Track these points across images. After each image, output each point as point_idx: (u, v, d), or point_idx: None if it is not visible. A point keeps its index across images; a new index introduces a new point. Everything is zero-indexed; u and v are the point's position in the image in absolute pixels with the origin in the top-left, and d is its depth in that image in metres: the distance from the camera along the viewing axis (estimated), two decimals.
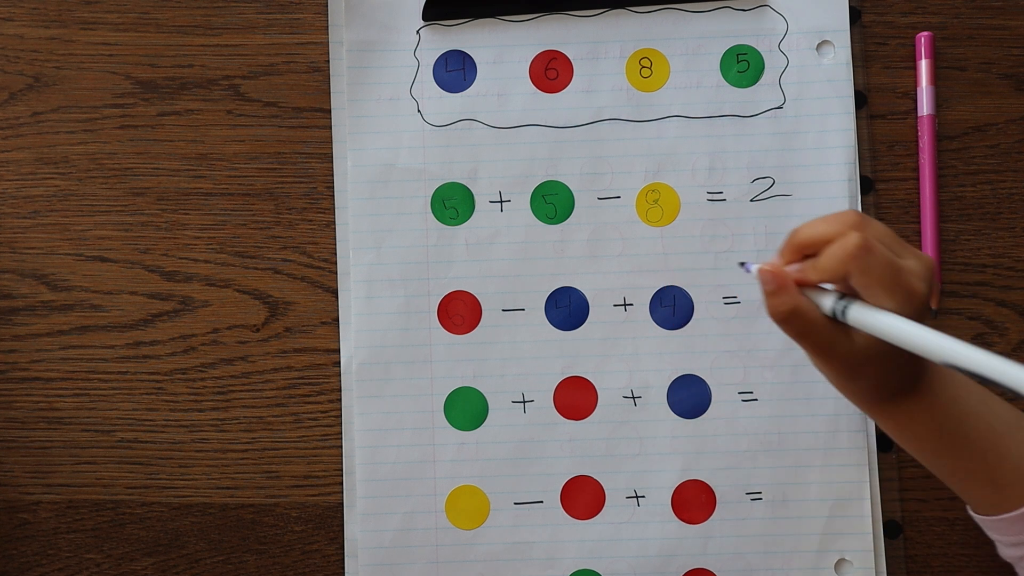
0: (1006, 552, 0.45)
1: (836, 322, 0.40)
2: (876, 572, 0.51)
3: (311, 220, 0.54)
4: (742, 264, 0.43)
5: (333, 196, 0.54)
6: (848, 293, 0.40)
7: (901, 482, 0.52)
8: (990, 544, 0.46)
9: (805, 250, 0.40)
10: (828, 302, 0.40)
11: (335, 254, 0.54)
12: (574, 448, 0.52)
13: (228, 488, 0.53)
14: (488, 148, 0.53)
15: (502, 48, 0.53)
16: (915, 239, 0.53)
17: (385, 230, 0.53)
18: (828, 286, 0.40)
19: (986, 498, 0.44)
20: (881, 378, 0.41)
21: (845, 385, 0.43)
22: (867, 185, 0.53)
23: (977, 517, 0.45)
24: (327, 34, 0.54)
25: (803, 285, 0.40)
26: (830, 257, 0.39)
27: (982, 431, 0.42)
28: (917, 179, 0.53)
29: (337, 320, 0.53)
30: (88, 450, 0.53)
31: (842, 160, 0.52)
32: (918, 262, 0.39)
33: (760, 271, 0.40)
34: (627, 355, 0.52)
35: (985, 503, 0.44)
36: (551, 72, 0.53)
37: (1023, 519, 0.42)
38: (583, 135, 0.53)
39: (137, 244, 0.54)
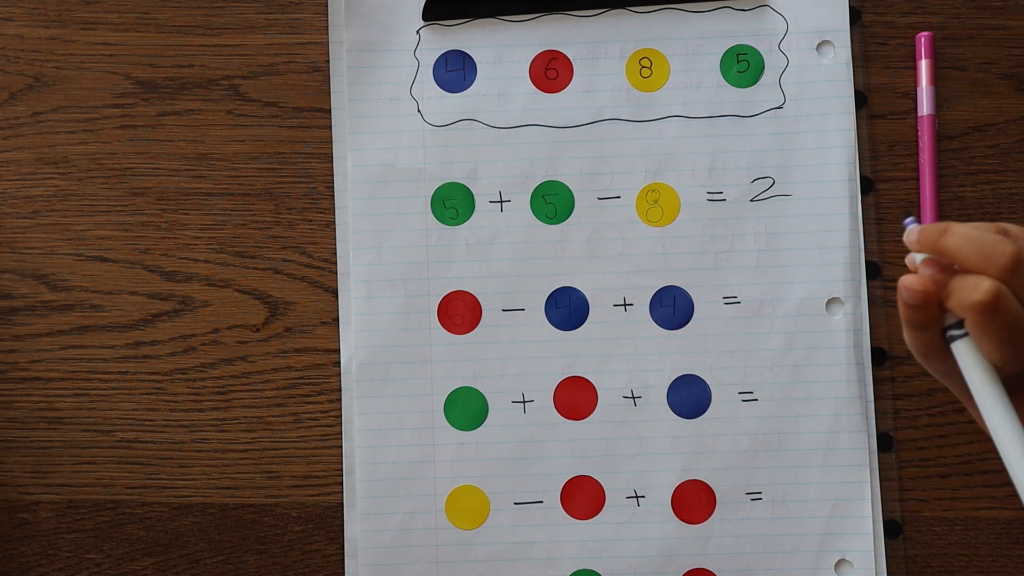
0: None
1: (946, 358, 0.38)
2: (876, 572, 0.51)
3: (311, 220, 0.54)
4: (907, 217, 0.41)
5: (333, 196, 0.54)
6: None
7: (901, 482, 0.52)
8: (990, 544, 0.46)
9: (946, 259, 0.38)
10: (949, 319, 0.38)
11: (335, 254, 0.54)
12: (574, 448, 0.52)
13: (228, 488, 0.53)
14: (488, 148, 0.53)
15: (502, 48, 0.53)
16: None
17: (385, 230, 0.53)
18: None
19: None
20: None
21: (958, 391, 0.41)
22: (867, 185, 0.53)
23: None
24: (327, 34, 0.54)
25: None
26: (955, 302, 0.37)
27: None
28: (917, 179, 0.53)
29: (337, 320, 0.53)
30: (88, 450, 0.53)
31: (842, 160, 0.52)
32: None
33: (908, 289, 0.38)
34: (627, 355, 0.52)
35: None
36: (551, 72, 0.53)
37: None
38: (583, 135, 0.53)
39: (137, 244, 0.54)
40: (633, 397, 0.53)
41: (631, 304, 0.53)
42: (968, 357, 0.38)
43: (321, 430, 0.53)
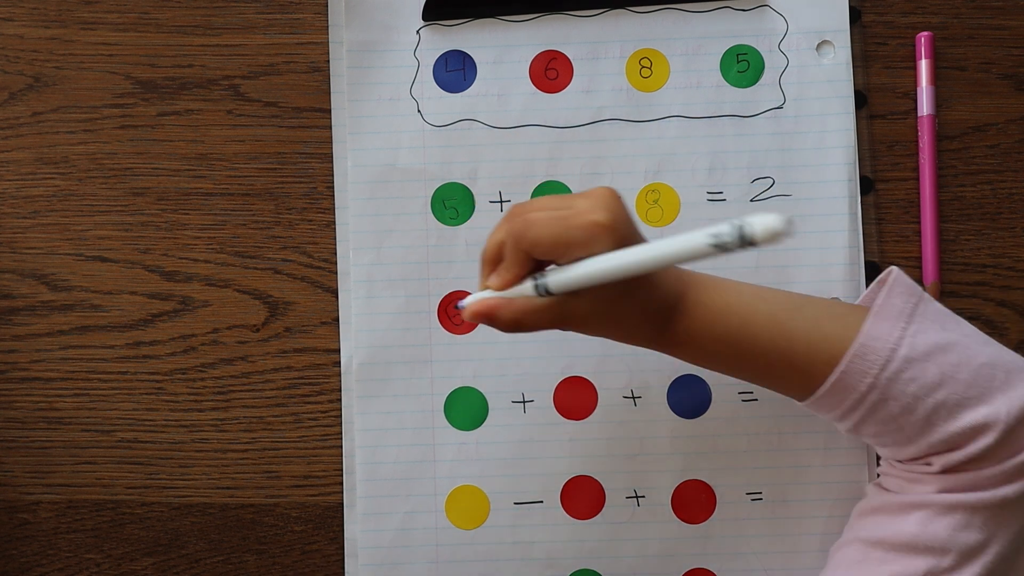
0: (841, 427, 0.45)
1: (563, 297, 0.41)
2: None
3: (311, 220, 0.54)
4: (456, 307, 0.46)
5: (333, 196, 0.54)
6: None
7: None
8: None
9: (497, 260, 0.43)
10: (529, 287, 0.41)
11: (335, 254, 0.54)
12: (574, 448, 0.52)
13: (228, 488, 0.53)
14: (488, 148, 0.53)
15: (502, 48, 0.53)
16: (915, 239, 0.53)
17: (385, 230, 0.53)
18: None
19: (797, 384, 0.44)
20: (640, 312, 0.42)
21: (622, 336, 0.44)
22: (867, 185, 0.53)
23: (804, 405, 0.46)
24: (327, 34, 0.54)
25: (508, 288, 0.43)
26: (491, 246, 0.42)
27: (764, 322, 0.43)
28: (917, 179, 0.53)
29: (337, 320, 0.53)
30: (88, 450, 0.53)
31: (842, 160, 0.52)
32: (586, 199, 0.40)
33: (467, 314, 0.43)
34: (627, 355, 0.52)
35: (799, 389, 0.45)
36: (551, 72, 0.53)
37: (832, 392, 0.43)
38: (583, 135, 0.53)
39: (137, 244, 0.54)
40: (633, 397, 0.53)
41: None
42: (560, 275, 0.41)
43: (321, 430, 0.53)
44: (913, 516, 0.42)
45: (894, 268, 0.45)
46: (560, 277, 0.41)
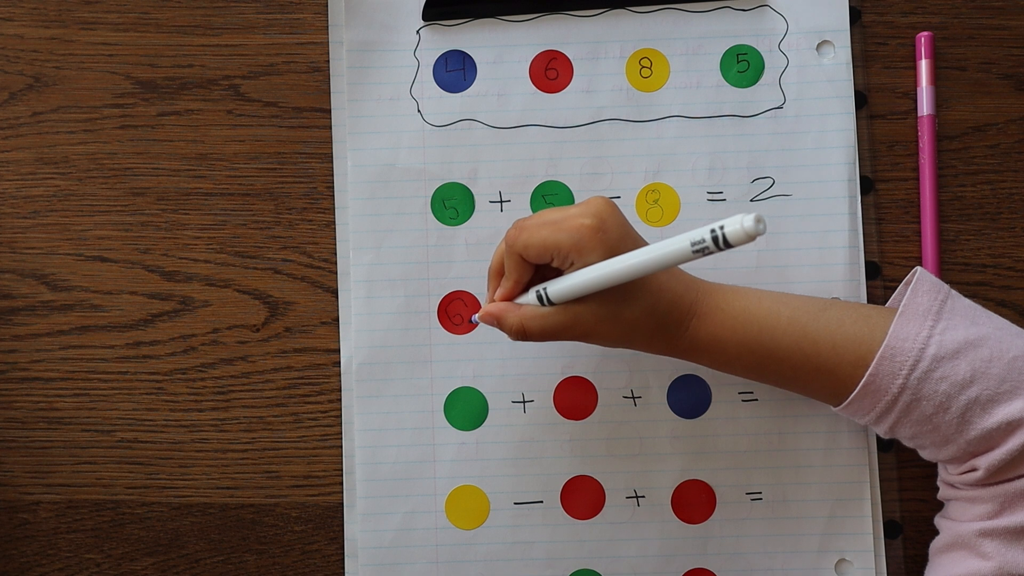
0: (878, 431, 0.45)
1: (568, 306, 0.43)
2: (876, 572, 0.51)
3: (311, 220, 0.54)
4: (471, 321, 0.50)
5: (333, 196, 0.54)
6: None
7: (901, 482, 0.52)
8: None
9: (502, 271, 0.45)
10: (532, 297, 0.44)
11: (335, 254, 0.54)
12: (574, 448, 0.52)
13: (228, 488, 0.53)
14: (488, 148, 0.53)
15: (502, 48, 0.53)
16: (915, 239, 0.53)
17: (385, 230, 0.53)
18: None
19: (826, 388, 0.45)
20: (649, 318, 0.43)
21: (638, 344, 0.45)
22: (867, 185, 0.53)
23: (837, 411, 0.46)
24: (327, 34, 0.54)
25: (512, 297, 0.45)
26: (495, 259, 0.45)
27: (786, 327, 0.44)
28: (917, 179, 0.53)
29: (337, 320, 0.53)
30: (88, 450, 0.53)
31: (842, 160, 0.52)
32: (578, 207, 0.43)
33: (480, 318, 0.46)
34: (627, 355, 0.52)
35: (829, 393, 0.45)
36: (551, 72, 0.53)
37: (863, 395, 0.43)
38: (583, 135, 0.53)
39: (137, 244, 0.54)
40: (633, 397, 0.53)
41: None
42: (559, 284, 0.43)
43: (321, 430, 0.53)
44: (987, 548, 0.42)
45: (919, 268, 0.45)
46: (558, 285, 0.43)
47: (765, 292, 0.45)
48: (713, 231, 0.36)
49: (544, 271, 0.44)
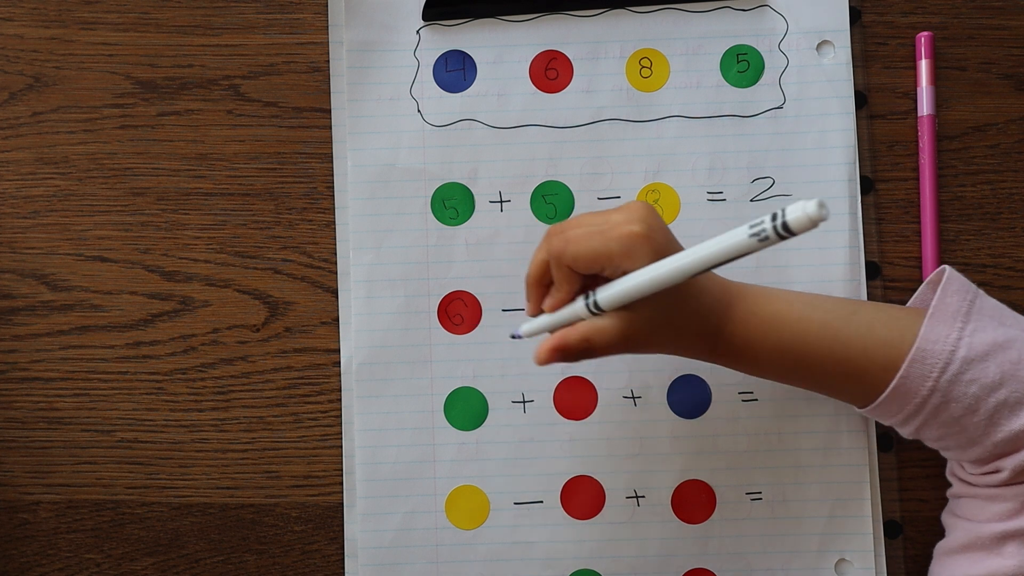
0: (904, 432, 0.45)
1: (624, 314, 0.42)
2: (876, 572, 0.51)
3: (311, 220, 0.54)
4: (513, 336, 0.46)
5: (333, 196, 0.54)
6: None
7: (901, 482, 0.52)
8: None
9: (543, 281, 0.44)
10: (580, 307, 0.42)
11: (335, 254, 0.54)
12: (574, 448, 0.52)
13: (228, 488, 0.53)
14: (488, 148, 0.53)
15: (502, 48, 0.53)
16: (915, 239, 0.53)
17: (385, 230, 0.53)
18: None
19: (855, 391, 0.45)
20: (696, 321, 0.43)
21: (683, 350, 0.44)
22: (867, 185, 0.53)
23: (864, 412, 0.46)
24: (327, 34, 0.54)
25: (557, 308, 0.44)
26: (534, 267, 0.44)
27: (818, 331, 0.43)
28: (917, 179, 0.53)
29: (337, 320, 0.53)
30: (88, 450, 0.53)
31: (842, 160, 0.52)
32: (620, 212, 0.42)
33: (541, 353, 0.42)
34: (627, 355, 0.52)
35: (858, 396, 0.45)
36: (551, 72, 0.53)
37: (892, 398, 0.43)
38: (583, 135, 0.53)
39: (137, 244, 0.54)
40: (633, 397, 0.52)
41: None
42: (608, 290, 0.41)
43: (321, 430, 0.53)
44: (1008, 548, 0.42)
45: (947, 267, 0.45)
46: (610, 291, 0.41)
47: (794, 294, 0.45)
48: (774, 216, 0.34)
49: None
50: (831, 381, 0.45)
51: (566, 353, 0.42)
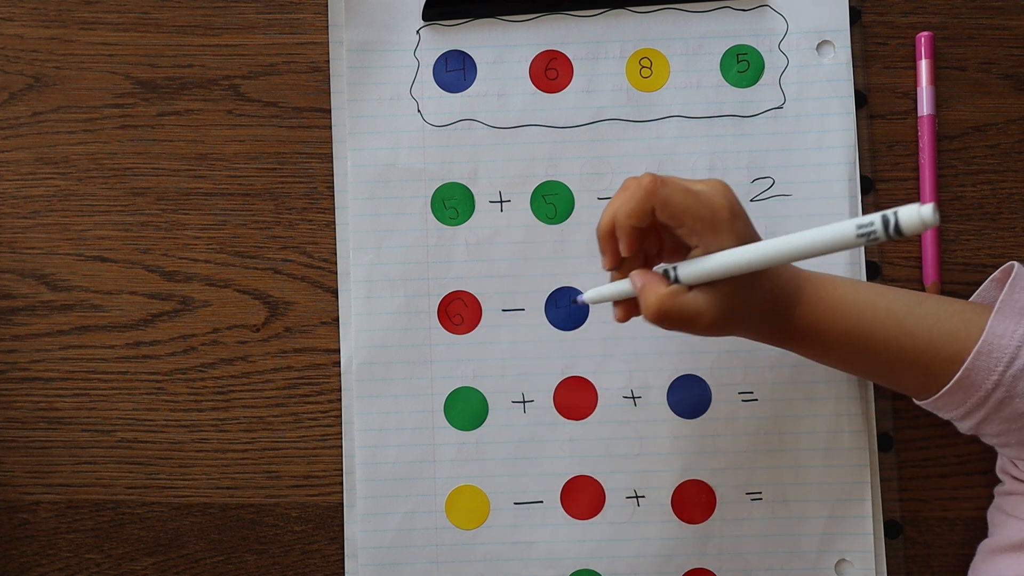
0: (963, 427, 0.45)
1: (701, 292, 0.41)
2: (876, 572, 0.51)
3: (311, 220, 0.54)
4: (575, 301, 0.45)
5: (333, 196, 0.54)
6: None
7: (901, 482, 0.52)
8: None
9: (615, 233, 0.42)
10: (659, 270, 0.42)
11: (335, 254, 0.54)
12: (574, 448, 0.52)
13: (228, 488, 0.53)
14: (488, 148, 0.53)
15: (502, 48, 0.53)
16: (915, 239, 0.53)
17: (385, 230, 0.53)
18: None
19: (918, 381, 0.45)
20: (767, 304, 0.42)
21: (749, 331, 0.44)
22: (867, 185, 0.53)
23: (923, 404, 0.46)
24: (327, 34, 0.54)
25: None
26: (606, 217, 0.42)
27: (883, 319, 0.43)
28: (917, 179, 0.53)
29: (337, 320, 0.53)
30: (88, 450, 0.53)
31: (842, 160, 0.52)
32: (707, 185, 0.41)
33: (650, 317, 0.41)
34: (627, 355, 0.52)
35: (920, 387, 0.45)
36: (551, 72, 0.53)
37: (955, 390, 0.43)
38: (583, 135, 0.53)
39: (137, 244, 0.54)
40: (633, 397, 0.52)
41: None
42: (691, 265, 0.41)
43: (321, 430, 0.53)
44: None
45: (1015, 263, 0.45)
46: (696, 266, 0.40)
47: (860, 282, 0.45)
48: (885, 217, 0.34)
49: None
50: (895, 369, 0.44)
51: (641, 299, 0.42)
